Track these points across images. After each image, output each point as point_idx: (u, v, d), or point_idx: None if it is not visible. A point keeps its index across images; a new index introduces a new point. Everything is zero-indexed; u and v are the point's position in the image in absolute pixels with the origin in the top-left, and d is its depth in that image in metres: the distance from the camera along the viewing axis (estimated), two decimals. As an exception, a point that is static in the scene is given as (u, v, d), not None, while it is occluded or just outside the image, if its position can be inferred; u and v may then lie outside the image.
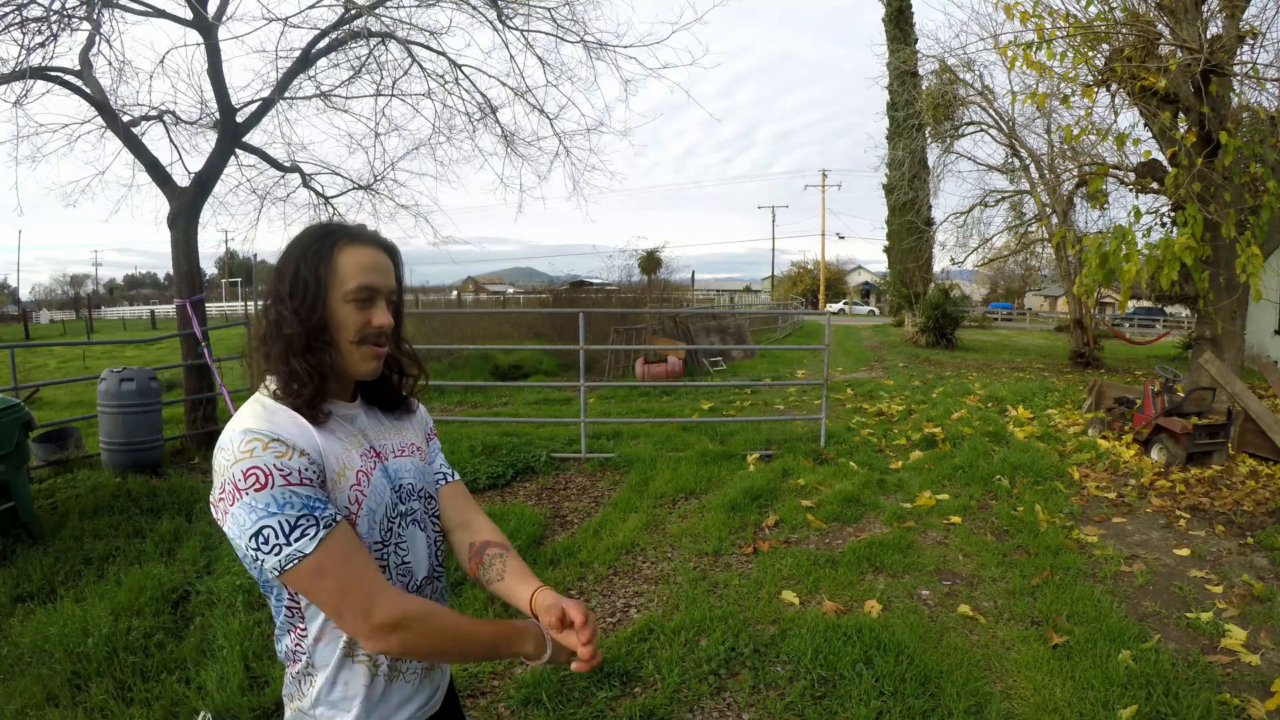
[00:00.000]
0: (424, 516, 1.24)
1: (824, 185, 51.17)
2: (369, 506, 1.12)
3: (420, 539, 1.22)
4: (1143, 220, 7.84)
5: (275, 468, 1.00)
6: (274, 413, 1.08)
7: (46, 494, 5.13)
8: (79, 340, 18.08)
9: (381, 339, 1.14)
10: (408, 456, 1.24)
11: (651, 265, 26.01)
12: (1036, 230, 17.99)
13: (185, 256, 6.63)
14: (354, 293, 1.10)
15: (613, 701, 2.78)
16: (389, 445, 1.23)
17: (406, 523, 1.20)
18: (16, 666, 2.90)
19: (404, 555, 1.18)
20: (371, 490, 1.13)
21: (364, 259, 1.12)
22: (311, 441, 1.06)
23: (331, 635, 1.12)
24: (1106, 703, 2.73)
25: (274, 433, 1.03)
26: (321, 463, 1.06)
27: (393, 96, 7.44)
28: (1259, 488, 5.57)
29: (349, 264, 1.11)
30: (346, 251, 1.11)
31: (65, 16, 5.72)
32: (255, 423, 1.04)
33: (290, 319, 1.09)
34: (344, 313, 1.11)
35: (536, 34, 7.18)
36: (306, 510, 1.00)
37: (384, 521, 1.15)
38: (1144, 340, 23.34)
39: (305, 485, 1.02)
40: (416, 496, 1.23)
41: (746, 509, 5.02)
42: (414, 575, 1.20)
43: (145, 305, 56.00)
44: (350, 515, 1.09)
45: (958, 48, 17.09)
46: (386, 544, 1.16)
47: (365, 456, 1.16)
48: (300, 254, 1.10)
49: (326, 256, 1.10)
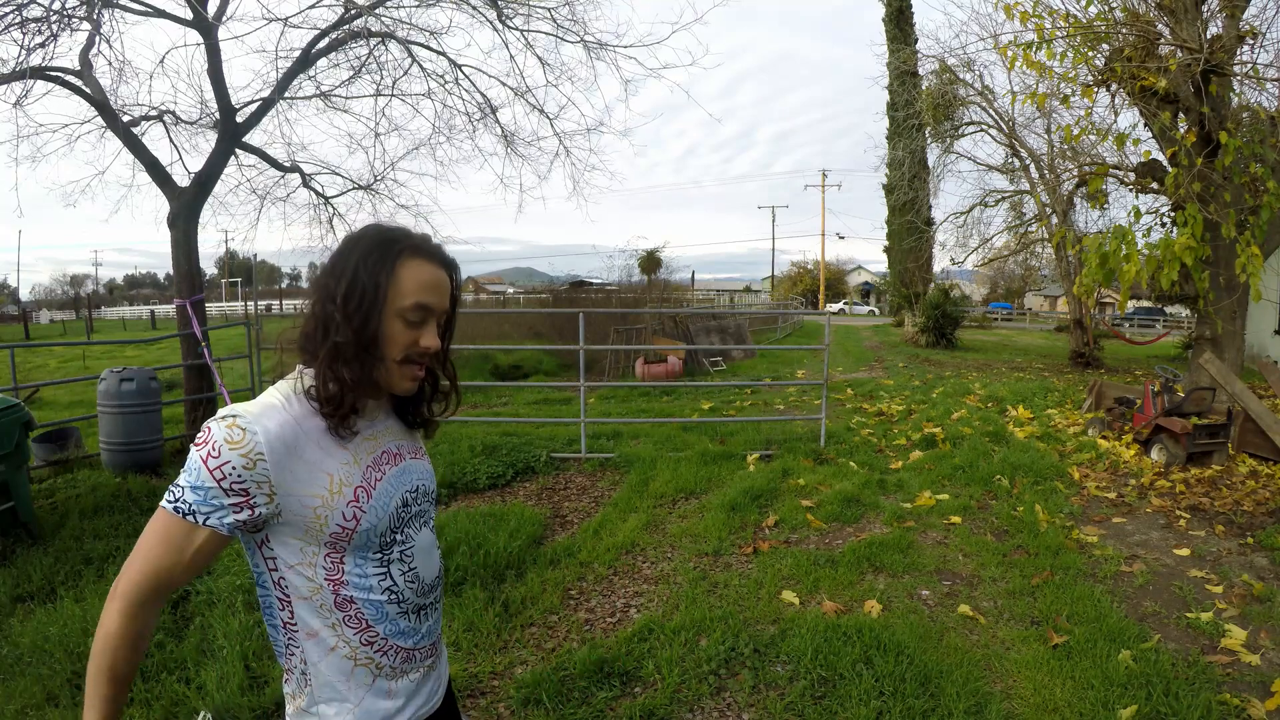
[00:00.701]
0: (432, 519, 1.27)
1: (824, 185, 51.21)
2: (369, 521, 1.09)
3: (430, 542, 1.23)
4: (1143, 220, 7.85)
5: (221, 443, 0.99)
6: (280, 409, 1.05)
7: (46, 494, 5.13)
8: (79, 340, 18.09)
9: (425, 359, 1.12)
10: (420, 458, 1.25)
11: (651, 265, 26.02)
12: (1036, 230, 17.99)
13: (185, 256, 6.63)
14: (409, 310, 1.07)
15: (613, 701, 2.78)
16: (406, 446, 1.22)
17: (419, 525, 1.20)
18: (16, 666, 2.90)
19: (410, 563, 1.17)
20: (373, 505, 1.10)
21: (425, 276, 1.09)
22: (282, 450, 1.02)
23: (326, 632, 1.11)
24: (1106, 703, 2.73)
25: (251, 422, 1.01)
26: (275, 473, 1.02)
27: (393, 96, 7.45)
28: (1259, 488, 5.57)
29: (410, 279, 1.07)
30: (410, 265, 1.08)
31: (65, 16, 5.72)
32: (249, 409, 1.03)
33: (342, 325, 1.05)
34: (394, 328, 1.08)
35: (536, 34, 7.19)
36: (197, 487, 1.00)
37: (389, 530, 1.13)
38: (1144, 340, 23.34)
39: (218, 475, 0.99)
40: (429, 499, 1.24)
41: (746, 509, 5.02)
42: (421, 580, 1.19)
43: (145, 305, 56.02)
44: (346, 530, 1.07)
45: (958, 48, 17.11)
46: (391, 552, 1.14)
47: (377, 464, 1.14)
48: (361, 257, 1.06)
49: (388, 267, 1.06)
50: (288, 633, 1.12)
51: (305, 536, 1.06)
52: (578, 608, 3.64)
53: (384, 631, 1.14)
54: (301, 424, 1.06)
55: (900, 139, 19.84)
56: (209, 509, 1.00)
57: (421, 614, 1.20)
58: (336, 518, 1.06)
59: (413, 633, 1.19)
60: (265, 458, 1.01)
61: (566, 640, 3.27)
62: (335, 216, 8.25)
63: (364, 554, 1.11)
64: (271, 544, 1.08)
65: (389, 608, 1.14)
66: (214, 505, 1.00)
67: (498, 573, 3.88)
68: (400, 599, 1.16)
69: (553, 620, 3.49)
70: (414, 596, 1.18)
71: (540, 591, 3.73)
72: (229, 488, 1.00)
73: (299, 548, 1.07)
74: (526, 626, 3.41)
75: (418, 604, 1.19)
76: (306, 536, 1.06)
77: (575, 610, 3.60)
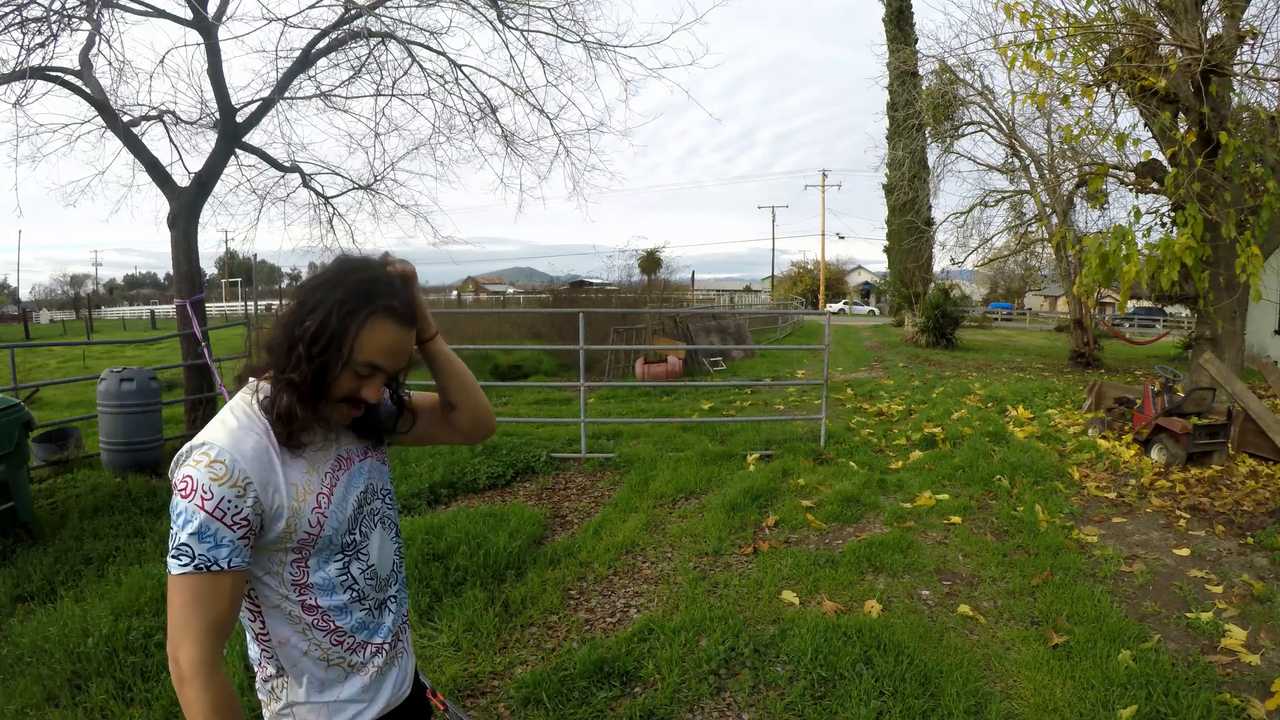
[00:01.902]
0: (385, 512, 1.30)
1: (824, 185, 51.21)
2: (331, 525, 1.16)
3: (382, 538, 1.27)
4: (1143, 220, 7.84)
5: (206, 484, 1.02)
6: (246, 429, 1.09)
7: (46, 494, 5.13)
8: (79, 340, 18.09)
9: (362, 406, 1.17)
10: (370, 458, 1.28)
11: (651, 265, 25.99)
12: (1036, 230, 17.98)
13: (185, 256, 6.63)
14: (361, 366, 1.12)
15: (613, 701, 2.78)
16: (355, 449, 1.26)
17: (374, 522, 1.26)
18: (16, 666, 2.90)
19: (368, 560, 1.23)
20: (333, 507, 1.17)
21: (387, 340, 1.12)
22: (264, 469, 1.07)
23: (296, 638, 1.16)
24: (1106, 703, 2.73)
25: (227, 453, 1.04)
26: (261, 493, 1.06)
27: (393, 96, 7.45)
28: (1259, 488, 5.57)
29: (372, 340, 1.10)
30: (377, 326, 1.10)
31: (65, 16, 5.72)
32: (218, 439, 1.06)
33: (304, 363, 1.09)
34: (345, 376, 1.12)
35: (536, 34, 7.19)
36: (202, 537, 1.01)
37: (347, 533, 1.19)
38: (1144, 340, 23.33)
39: (218, 517, 1.02)
40: (378, 495, 1.28)
41: (746, 509, 5.02)
42: (379, 575, 1.25)
43: (145, 305, 56.00)
44: (311, 535, 1.13)
45: (958, 48, 17.11)
46: (350, 552, 1.21)
47: (333, 469, 1.20)
48: (338, 304, 1.08)
49: (359, 322, 1.09)
50: (260, 644, 1.18)
51: (275, 544, 1.11)
52: (578, 608, 3.64)
53: (349, 628, 1.20)
54: (267, 438, 1.10)
55: (900, 139, 19.81)
56: (225, 549, 1.03)
57: (384, 608, 1.26)
58: (303, 524, 1.12)
59: (378, 627, 1.25)
60: (252, 482, 1.05)
61: (566, 640, 3.27)
62: (335, 216, 8.26)
63: (326, 556, 1.17)
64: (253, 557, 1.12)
65: (353, 606, 1.20)
66: (227, 544, 1.03)
67: (498, 573, 3.88)
68: (362, 596, 1.22)
69: (553, 620, 3.49)
70: (374, 592, 1.24)
71: (540, 591, 3.73)
72: (233, 522, 1.03)
73: (267, 556, 1.12)
74: (526, 626, 3.41)
75: (378, 599, 1.25)
76: (276, 544, 1.11)
77: (575, 610, 3.60)
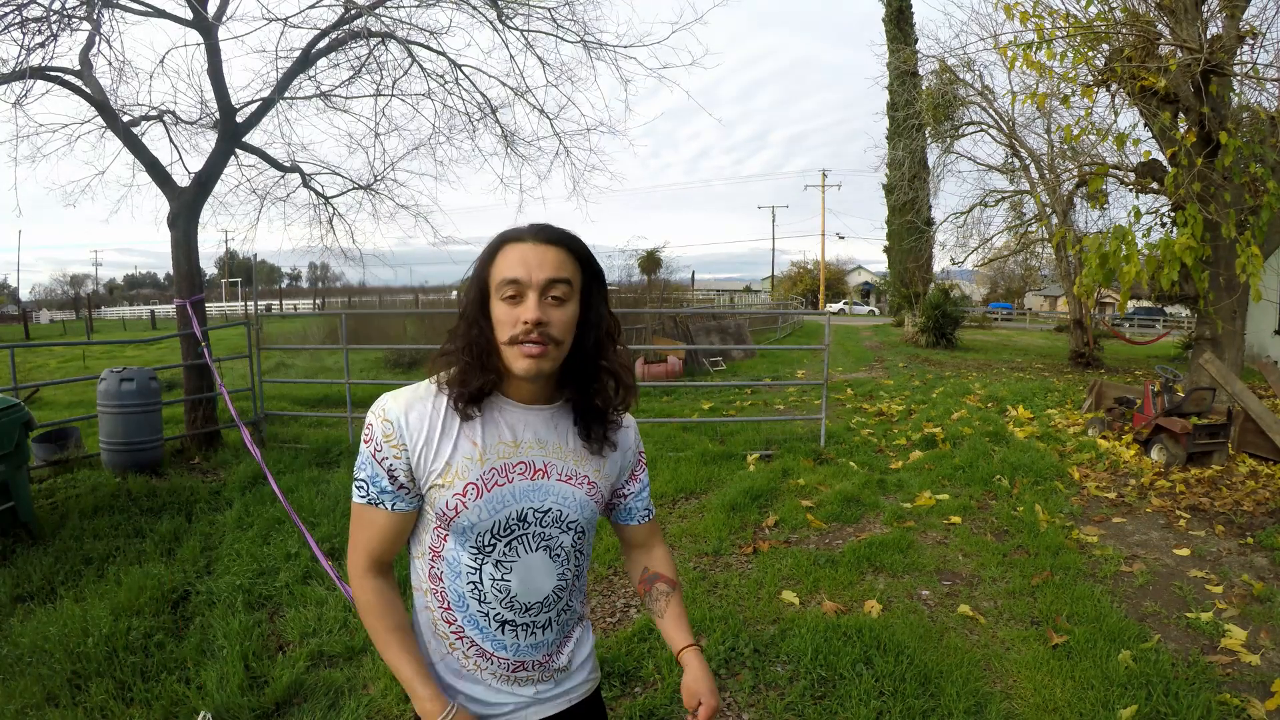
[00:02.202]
0: (566, 549, 1.22)
1: (824, 185, 51.21)
2: (468, 519, 1.14)
3: (541, 566, 1.20)
4: (1143, 220, 7.84)
5: (379, 438, 1.14)
6: (422, 400, 1.16)
7: (46, 494, 5.13)
8: (79, 340, 18.09)
9: (534, 335, 1.09)
10: (574, 485, 1.21)
11: (651, 265, 25.99)
12: (1036, 230, 17.98)
13: (185, 256, 6.63)
14: (501, 288, 1.11)
15: (613, 701, 2.78)
16: (558, 466, 1.20)
17: (534, 544, 1.19)
18: (16, 666, 2.90)
19: (505, 575, 1.17)
20: (479, 505, 1.14)
21: (515, 256, 1.11)
22: (419, 440, 1.14)
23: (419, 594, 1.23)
24: (1106, 703, 2.73)
25: (396, 415, 1.14)
26: (414, 460, 1.14)
27: (393, 96, 7.44)
28: (1259, 488, 5.58)
29: (502, 263, 1.12)
30: (505, 251, 1.13)
31: (65, 16, 5.72)
32: (397, 401, 1.16)
33: (469, 322, 1.15)
34: (499, 311, 1.12)
35: (536, 34, 7.19)
36: (370, 478, 1.16)
37: (487, 536, 1.15)
38: (1144, 340, 23.33)
39: (380, 465, 1.15)
40: (559, 525, 1.20)
41: (746, 509, 5.02)
42: (511, 595, 1.18)
43: (145, 305, 55.99)
44: (448, 515, 1.15)
45: (958, 48, 17.07)
46: (486, 556, 1.16)
47: (506, 470, 1.15)
48: (478, 263, 1.16)
49: (490, 259, 1.14)
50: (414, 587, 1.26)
51: (428, 507, 1.18)
52: (578, 608, 3.64)
53: (461, 620, 1.19)
54: (438, 412, 1.15)
55: (900, 139, 19.81)
56: (379, 493, 1.15)
57: (507, 627, 1.20)
58: (443, 501, 1.14)
59: (491, 639, 1.20)
60: (407, 446, 1.14)
61: (566, 640, 3.26)
62: (335, 216, 8.24)
63: (462, 541, 1.16)
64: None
65: (470, 601, 1.18)
66: (383, 489, 1.15)
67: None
68: (482, 599, 1.18)
69: (553, 620, 3.48)
70: (499, 606, 1.18)
71: (540, 591, 3.73)
72: (389, 474, 1.14)
73: (422, 512, 1.20)
74: (526, 626, 3.40)
75: (502, 615, 1.19)
76: (429, 507, 1.18)
77: (575, 610, 3.60)
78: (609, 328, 1.20)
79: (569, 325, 1.13)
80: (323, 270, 63.18)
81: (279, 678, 2.83)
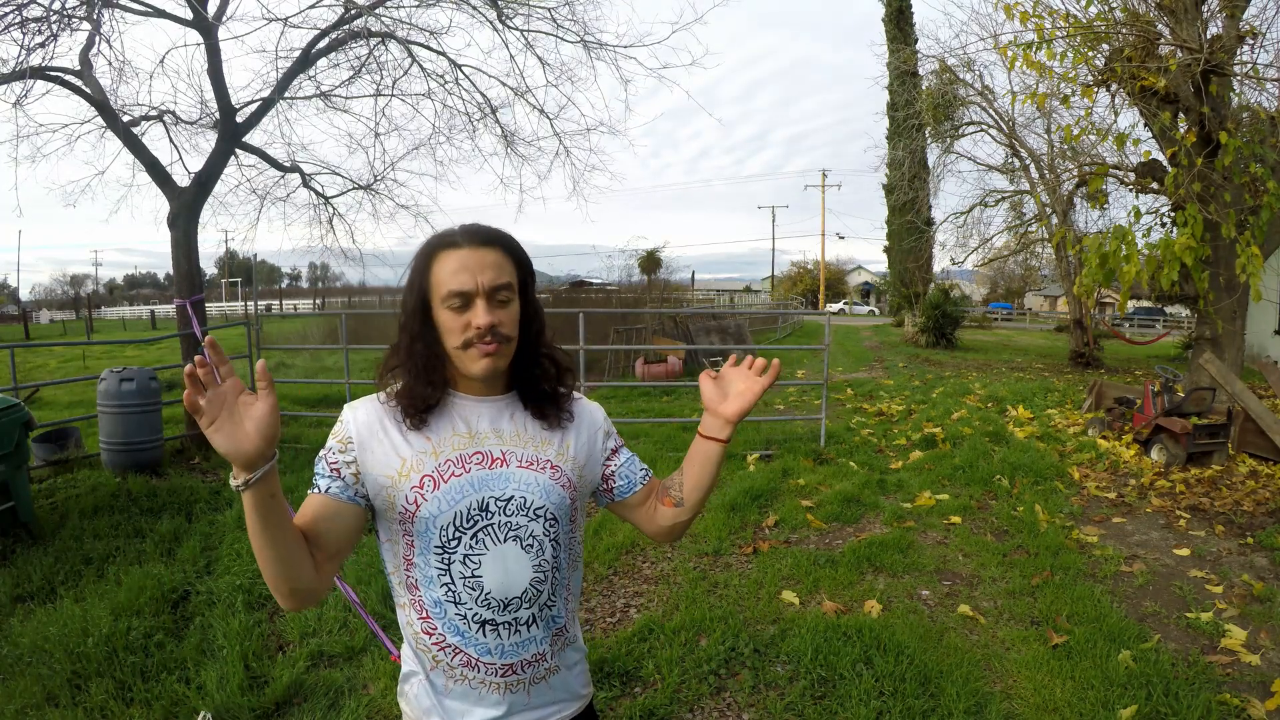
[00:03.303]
0: (538, 537, 1.18)
1: (824, 185, 51.21)
2: (428, 512, 1.13)
3: (513, 558, 1.16)
4: (1143, 220, 7.84)
5: (332, 441, 1.18)
6: (370, 404, 1.20)
7: (46, 494, 5.13)
8: (79, 340, 18.10)
9: (486, 338, 1.12)
10: (536, 470, 1.19)
11: (651, 265, 26.00)
12: (1036, 230, 17.97)
13: (185, 256, 6.62)
14: (447, 299, 1.12)
15: (613, 701, 2.78)
16: (517, 454, 1.19)
17: (502, 535, 1.15)
18: (16, 666, 2.90)
19: (475, 569, 1.14)
20: (437, 497, 1.13)
21: (453, 264, 1.12)
22: (368, 438, 1.16)
23: (401, 610, 1.21)
24: (1106, 703, 2.73)
25: (349, 417, 1.18)
26: (361, 459, 1.15)
27: (393, 96, 7.43)
28: (1259, 488, 5.57)
29: (441, 271, 1.13)
30: (441, 259, 1.14)
31: (65, 16, 5.72)
32: (354, 407, 1.20)
33: (406, 328, 1.17)
34: (444, 319, 1.13)
35: (536, 34, 7.18)
36: (316, 475, 1.17)
37: (451, 530, 1.14)
38: (1144, 340, 23.33)
39: (327, 463, 1.16)
40: (529, 514, 1.17)
41: (746, 509, 5.02)
42: (485, 591, 1.15)
43: (145, 305, 55.96)
44: (408, 513, 1.14)
45: (958, 48, 17.05)
46: (450, 550, 1.14)
47: (463, 460, 1.16)
48: (412, 269, 1.17)
49: (426, 268, 1.15)
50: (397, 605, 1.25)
51: (386, 514, 1.17)
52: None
53: (442, 628, 1.17)
54: (389, 412, 1.18)
55: (900, 139, 19.79)
56: (318, 478, 1.16)
57: (488, 628, 1.16)
58: (401, 499, 1.14)
59: (475, 644, 1.16)
60: (353, 441, 1.16)
61: (566, 640, 3.26)
62: (335, 216, 8.24)
63: (427, 541, 1.14)
64: (375, 523, 1.21)
65: (446, 606, 1.15)
66: (324, 476, 1.16)
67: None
68: (457, 600, 1.15)
69: (553, 620, 3.49)
70: (475, 605, 1.15)
71: (540, 591, 3.73)
72: (329, 464, 1.16)
73: (386, 525, 1.19)
74: (526, 626, 3.40)
75: (480, 615, 1.15)
76: (387, 514, 1.17)
77: (575, 610, 3.60)
78: (543, 315, 1.25)
79: (516, 322, 1.17)
80: (323, 270, 63.16)
81: (279, 678, 2.83)
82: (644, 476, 1.34)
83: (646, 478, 1.34)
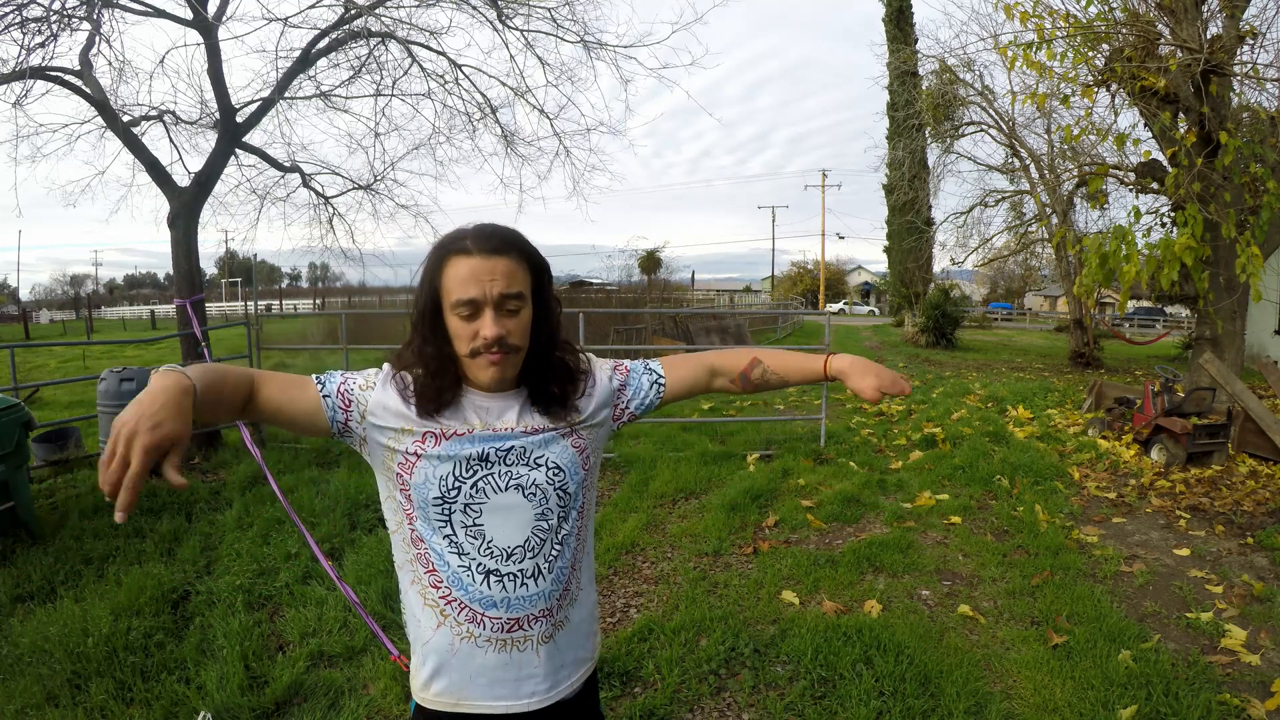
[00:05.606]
0: (540, 485, 1.18)
1: (824, 185, 51.23)
2: (427, 463, 1.16)
3: (518, 505, 1.17)
4: (1143, 220, 7.84)
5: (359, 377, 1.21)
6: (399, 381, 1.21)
7: (46, 494, 5.13)
8: (79, 340, 18.08)
9: (493, 348, 1.12)
10: (539, 432, 1.21)
11: (651, 265, 26.02)
12: (1036, 230, 17.97)
13: (185, 256, 6.62)
14: (456, 308, 1.12)
15: (613, 701, 2.78)
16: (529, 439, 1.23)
17: (500, 483, 1.17)
18: (16, 666, 2.90)
19: (476, 518, 1.16)
20: (437, 450, 1.16)
21: (463, 271, 1.12)
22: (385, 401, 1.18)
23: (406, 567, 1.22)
24: (1106, 703, 2.73)
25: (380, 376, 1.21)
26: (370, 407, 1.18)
27: (393, 96, 7.44)
28: (1259, 488, 5.57)
29: (451, 279, 1.13)
30: (451, 264, 1.13)
31: (65, 16, 5.72)
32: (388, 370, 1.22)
33: (417, 332, 1.18)
34: (455, 325, 1.14)
35: (536, 34, 7.19)
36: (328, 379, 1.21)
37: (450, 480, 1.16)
38: (1144, 340, 23.33)
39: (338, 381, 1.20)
40: (529, 463, 1.18)
41: (746, 509, 5.02)
42: (488, 540, 1.17)
43: (145, 305, 55.97)
44: (409, 464, 1.17)
45: (958, 48, 17.06)
46: (449, 500, 1.15)
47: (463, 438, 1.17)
48: (424, 270, 1.17)
49: (438, 272, 1.14)
50: (398, 567, 1.25)
51: (386, 464, 1.19)
52: (578, 608, 3.63)
53: (447, 581, 1.17)
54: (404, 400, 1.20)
55: (900, 139, 19.80)
56: (328, 382, 1.19)
57: (492, 578, 1.16)
58: (402, 449, 1.17)
59: (480, 598, 1.17)
60: (374, 388, 1.19)
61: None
62: (335, 216, 8.24)
63: (425, 493, 1.16)
64: (377, 475, 1.23)
65: (450, 558, 1.16)
66: (330, 381, 1.19)
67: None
68: (460, 550, 1.16)
69: (553, 620, 3.48)
70: (478, 555, 1.16)
71: (540, 591, 3.72)
72: (343, 388, 1.19)
73: (387, 478, 1.20)
74: (526, 626, 3.40)
75: (485, 565, 1.16)
76: (387, 463, 1.19)
77: (575, 610, 3.60)
78: (556, 315, 1.24)
79: (526, 330, 1.17)
80: (323, 270, 63.17)
81: (279, 678, 2.83)
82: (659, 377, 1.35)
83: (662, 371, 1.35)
